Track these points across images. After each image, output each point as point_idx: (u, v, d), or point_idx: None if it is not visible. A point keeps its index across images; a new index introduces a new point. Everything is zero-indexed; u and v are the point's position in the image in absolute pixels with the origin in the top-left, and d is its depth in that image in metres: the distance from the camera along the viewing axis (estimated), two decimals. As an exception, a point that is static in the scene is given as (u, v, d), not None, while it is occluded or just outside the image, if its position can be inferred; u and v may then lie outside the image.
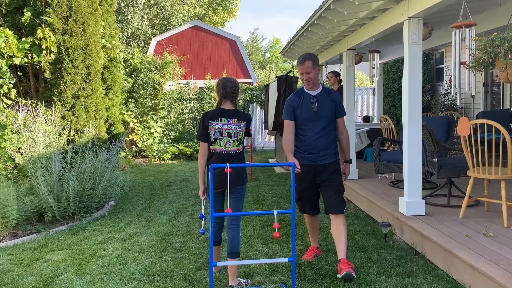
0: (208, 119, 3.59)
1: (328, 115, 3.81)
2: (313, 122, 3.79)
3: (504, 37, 2.89)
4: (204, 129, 3.60)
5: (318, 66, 3.82)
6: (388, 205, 5.22)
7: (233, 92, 3.62)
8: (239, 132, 3.58)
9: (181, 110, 13.71)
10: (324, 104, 3.82)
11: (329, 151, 3.83)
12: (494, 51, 2.92)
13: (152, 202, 7.04)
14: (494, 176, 4.28)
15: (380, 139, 6.45)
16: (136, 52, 13.96)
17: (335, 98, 3.88)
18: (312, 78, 3.78)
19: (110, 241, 4.96)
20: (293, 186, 3.17)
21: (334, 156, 3.87)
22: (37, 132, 5.95)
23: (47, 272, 4.01)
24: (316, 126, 3.79)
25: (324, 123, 3.80)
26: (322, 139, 3.80)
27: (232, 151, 3.57)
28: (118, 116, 8.96)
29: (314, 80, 3.80)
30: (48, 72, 7.14)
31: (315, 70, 3.78)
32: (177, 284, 3.62)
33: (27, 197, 5.54)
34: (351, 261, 4.02)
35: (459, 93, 4.19)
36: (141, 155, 13.42)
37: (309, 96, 3.85)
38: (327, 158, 3.83)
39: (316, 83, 3.84)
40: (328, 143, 3.82)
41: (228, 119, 3.58)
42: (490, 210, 4.82)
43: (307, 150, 3.83)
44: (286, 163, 3.11)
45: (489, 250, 3.54)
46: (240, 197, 3.58)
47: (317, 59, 3.82)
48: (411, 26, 4.53)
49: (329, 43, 7.81)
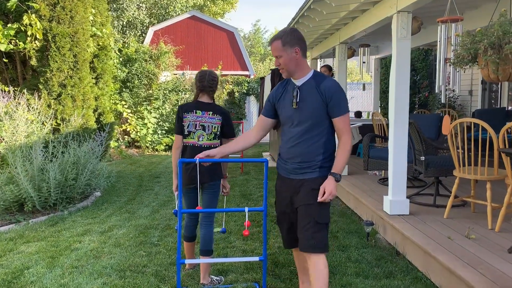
0: (183, 111, 3.49)
1: (312, 114, 2.65)
2: (294, 122, 2.73)
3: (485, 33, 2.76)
4: (179, 122, 3.49)
5: (295, 47, 2.63)
6: (373, 203, 5.11)
7: (210, 86, 3.51)
8: (213, 126, 3.46)
9: (176, 101, 13.58)
10: (309, 97, 2.66)
11: (313, 163, 2.69)
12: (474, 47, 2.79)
13: (137, 194, 6.94)
14: (480, 176, 4.17)
15: (370, 135, 6.32)
16: (132, 41, 13.80)
17: (327, 89, 2.63)
18: (284, 64, 2.66)
19: (87, 233, 4.87)
20: (266, 183, 3.05)
21: (320, 170, 2.68)
22: (19, 120, 5.83)
23: (18, 264, 3.92)
24: (296, 128, 2.72)
25: (305, 124, 2.67)
26: (301, 146, 2.70)
27: (205, 145, 3.46)
28: (108, 106, 8.84)
29: (288, 67, 2.66)
30: (35, 60, 7.02)
31: (289, 53, 2.63)
32: (148, 281, 3.52)
33: (7, 187, 5.44)
34: (330, 260, 3.91)
35: (444, 90, 4.07)
36: (134, 146, 13.32)
37: (293, 87, 2.73)
38: (307, 172, 2.69)
39: (296, 70, 2.69)
40: (310, 151, 2.69)
41: (203, 111, 3.47)
42: (477, 211, 4.71)
43: (284, 160, 2.82)
44: (258, 159, 3.00)
45: (469, 253, 3.44)
46: (213, 193, 3.47)
47: (293, 37, 2.64)
48: (399, 20, 4.39)
49: (322, 36, 7.66)
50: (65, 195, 5.97)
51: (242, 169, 8.89)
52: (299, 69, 2.70)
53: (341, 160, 2.64)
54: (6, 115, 5.88)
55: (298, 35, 2.69)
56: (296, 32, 2.69)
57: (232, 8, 23.09)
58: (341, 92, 2.67)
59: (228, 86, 14.50)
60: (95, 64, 8.28)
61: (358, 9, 5.33)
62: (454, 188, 4.39)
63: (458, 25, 3.81)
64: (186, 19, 15.99)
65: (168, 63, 13.73)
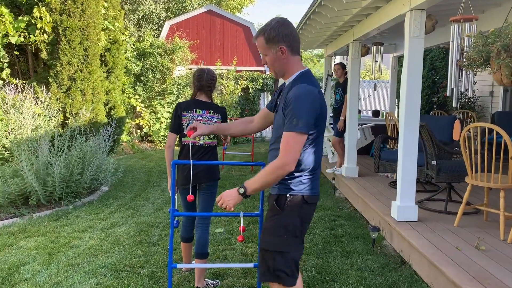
0: (182, 109, 3.38)
1: (277, 122, 2.26)
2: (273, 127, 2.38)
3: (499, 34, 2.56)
4: (176, 120, 3.38)
5: (280, 45, 2.18)
6: (382, 207, 4.94)
7: (208, 85, 3.40)
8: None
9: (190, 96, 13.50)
10: (280, 104, 2.27)
11: None
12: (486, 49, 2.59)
13: (144, 190, 6.89)
14: (493, 184, 3.96)
15: (382, 137, 6.13)
16: (147, 35, 13.77)
17: (288, 99, 2.15)
18: (270, 65, 2.26)
19: (89, 229, 4.82)
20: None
21: (279, 187, 2.22)
22: (26, 113, 5.82)
23: (15, 260, 3.89)
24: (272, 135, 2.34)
25: (274, 132, 2.29)
26: (269, 156, 2.33)
27: (206, 144, 3.35)
28: (119, 100, 8.81)
29: (274, 67, 2.26)
30: (45, 53, 7.00)
31: (273, 52, 2.21)
32: (141, 282, 3.44)
33: (12, 180, 5.44)
34: (331, 267, 3.78)
35: (456, 93, 3.86)
36: (147, 140, 13.32)
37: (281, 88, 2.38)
38: (271, 187, 2.29)
39: (283, 71, 2.26)
40: None
41: (203, 110, 3.37)
42: (489, 219, 4.49)
43: None
44: (255, 163, 2.87)
45: (477, 265, 3.25)
46: (210, 194, 3.36)
47: (277, 33, 2.18)
48: (412, 18, 4.19)
49: (336, 33, 7.46)
50: (70, 190, 5.95)
51: (252, 168, 8.77)
52: (287, 70, 2.25)
53: (257, 178, 2.12)
54: (13, 108, 5.88)
55: (285, 30, 2.18)
56: (282, 26, 2.19)
57: (250, 3, 22.90)
58: (299, 107, 2.08)
59: (242, 82, 14.38)
60: (106, 58, 8.25)
61: (371, 6, 5.13)
62: (466, 196, 4.19)
63: (473, 24, 3.59)
64: (202, 13, 15.88)
65: (183, 58, 13.67)
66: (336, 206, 5.95)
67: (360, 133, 7.81)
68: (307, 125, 2.08)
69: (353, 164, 6.82)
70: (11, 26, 6.21)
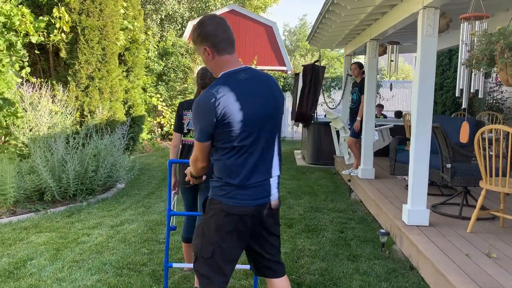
0: (183, 108, 3.37)
1: None
2: None
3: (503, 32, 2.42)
4: (179, 120, 3.38)
5: (203, 45, 2.07)
6: (394, 211, 4.81)
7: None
8: (213, 125, 3.31)
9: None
10: None
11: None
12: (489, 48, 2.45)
13: (158, 188, 6.94)
14: (508, 189, 3.78)
15: (398, 138, 5.97)
16: (170, 35, 13.92)
17: None
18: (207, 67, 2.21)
19: (98, 226, 4.88)
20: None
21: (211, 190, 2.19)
22: (42, 111, 5.95)
23: (23, 255, 3.97)
24: None
25: None
26: None
27: (205, 144, 3.32)
28: (139, 99, 8.92)
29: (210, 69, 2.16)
30: (64, 52, 7.15)
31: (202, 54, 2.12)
32: (142, 280, 3.45)
33: (28, 176, 5.57)
34: (336, 271, 3.69)
35: (466, 94, 3.70)
36: (168, 138, 13.46)
37: None
38: None
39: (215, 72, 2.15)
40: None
41: (204, 110, 3.34)
42: (506, 226, 4.31)
43: None
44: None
45: (485, 274, 3.11)
46: (209, 194, 3.33)
47: (198, 34, 2.07)
48: (425, 17, 4.05)
49: (354, 32, 7.33)
50: (85, 187, 6.05)
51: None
52: (215, 71, 2.13)
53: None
54: (30, 105, 6.02)
55: (204, 30, 2.05)
56: (202, 26, 2.07)
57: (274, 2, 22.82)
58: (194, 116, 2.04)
59: (263, 82, 14.33)
60: (126, 57, 8.36)
61: (386, 4, 5.00)
62: (480, 200, 4.03)
63: (483, 23, 3.44)
64: (225, 13, 15.94)
65: (204, 57, 13.74)
66: (349, 209, 5.83)
67: (378, 135, 7.65)
68: (200, 134, 2.04)
69: (370, 165, 6.68)
70: (31, 26, 6.35)
